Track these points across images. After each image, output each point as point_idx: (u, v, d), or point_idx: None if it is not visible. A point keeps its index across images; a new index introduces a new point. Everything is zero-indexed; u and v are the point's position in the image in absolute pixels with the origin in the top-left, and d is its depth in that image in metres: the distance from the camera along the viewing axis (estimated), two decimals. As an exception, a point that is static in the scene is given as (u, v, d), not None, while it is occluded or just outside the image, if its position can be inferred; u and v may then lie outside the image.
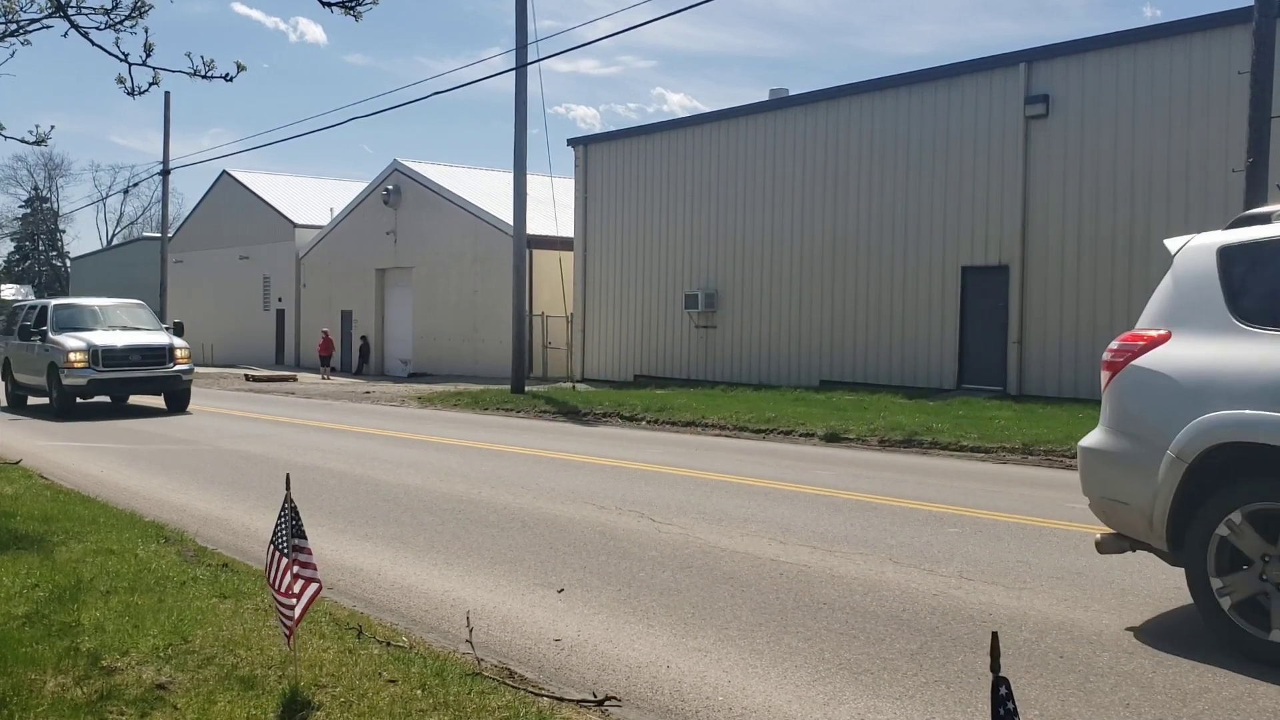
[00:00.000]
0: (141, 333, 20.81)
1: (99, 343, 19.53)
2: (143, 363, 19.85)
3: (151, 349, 20.09)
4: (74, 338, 19.70)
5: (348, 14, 6.14)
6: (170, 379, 20.15)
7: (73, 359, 19.18)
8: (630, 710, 4.45)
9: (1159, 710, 4.31)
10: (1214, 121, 17.14)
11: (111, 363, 19.47)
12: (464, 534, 8.14)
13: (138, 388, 20.13)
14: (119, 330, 20.59)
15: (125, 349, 19.75)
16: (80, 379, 19.28)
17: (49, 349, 19.81)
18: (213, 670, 4.65)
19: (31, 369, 20.87)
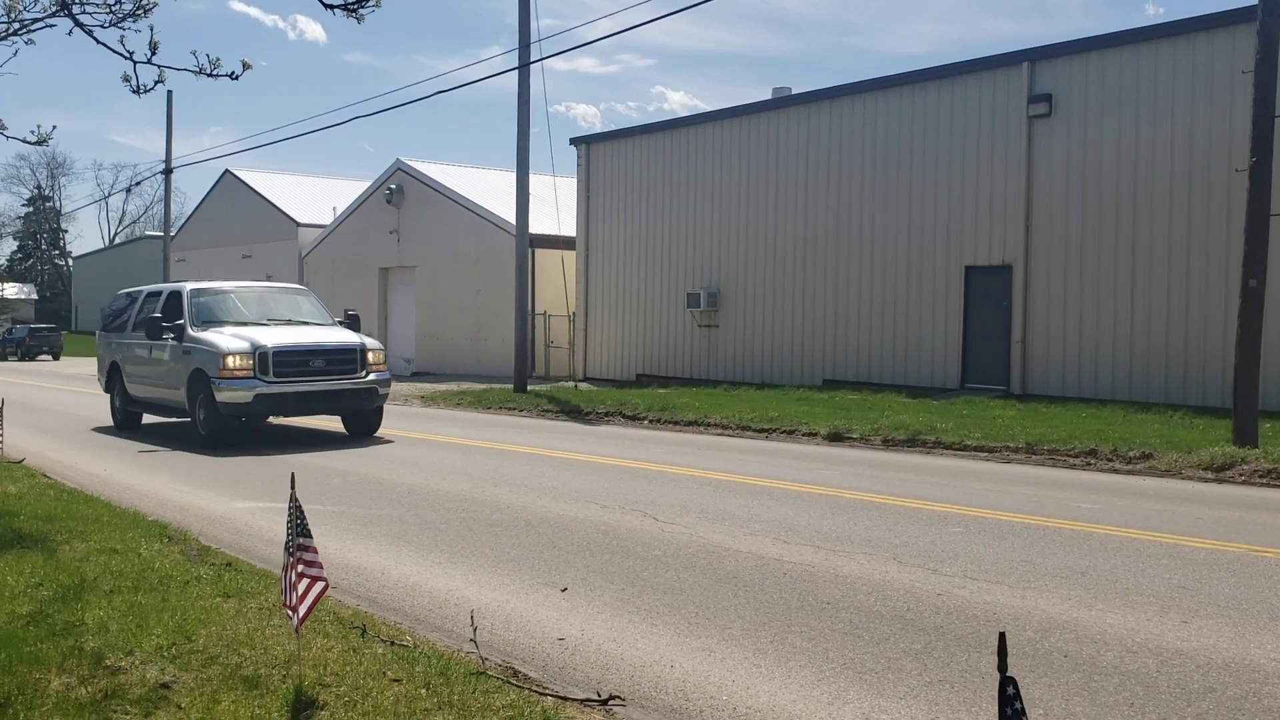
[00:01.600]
0: (316, 328, 15.28)
1: (267, 342, 13.98)
2: (327, 370, 14.25)
3: (338, 351, 14.47)
4: (229, 335, 14.28)
5: (350, 16, 6.13)
6: (363, 393, 14.49)
7: (231, 365, 13.73)
8: (634, 709, 4.45)
9: (1163, 710, 4.30)
10: (1217, 120, 17.10)
11: (287, 370, 13.98)
12: (467, 533, 8.14)
13: (320, 404, 14.43)
14: (284, 325, 15.13)
15: (305, 350, 14.21)
16: (243, 393, 13.76)
17: (191, 350, 14.44)
18: (217, 670, 4.65)
19: (158, 378, 15.57)
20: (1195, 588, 6.22)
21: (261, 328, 14.67)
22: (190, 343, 14.53)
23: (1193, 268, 17.44)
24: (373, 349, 14.78)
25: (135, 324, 16.41)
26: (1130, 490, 10.24)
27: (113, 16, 6.18)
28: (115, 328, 17.56)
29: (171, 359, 14.96)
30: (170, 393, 15.16)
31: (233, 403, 13.86)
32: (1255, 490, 10.32)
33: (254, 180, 47.86)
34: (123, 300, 17.95)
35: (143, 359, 16.06)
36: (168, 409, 15.82)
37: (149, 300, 16.54)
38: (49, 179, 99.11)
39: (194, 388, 14.34)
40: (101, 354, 17.97)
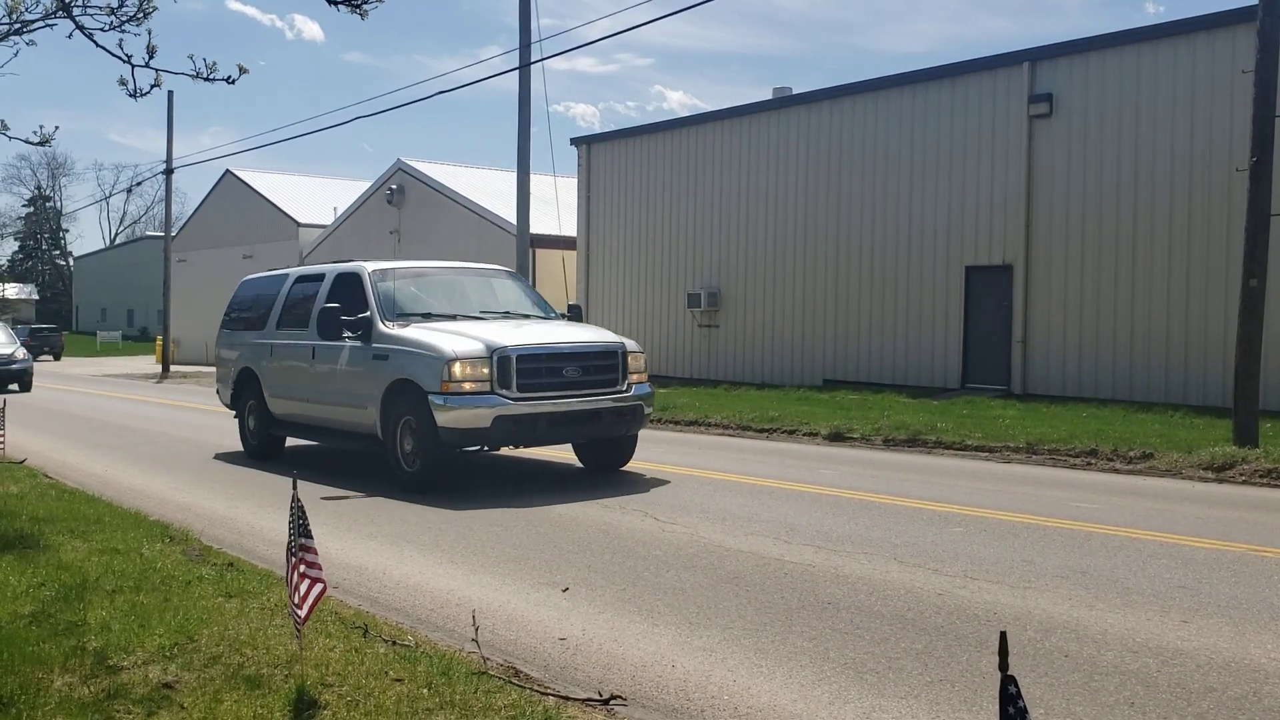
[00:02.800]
0: (550, 324, 11.36)
1: (506, 342, 10.00)
2: (582, 382, 10.28)
3: (597, 355, 10.56)
4: (447, 332, 10.30)
5: (353, 12, 6.14)
6: (626, 413, 10.58)
7: (460, 374, 9.71)
8: (635, 709, 4.46)
9: (1163, 709, 4.31)
10: (1218, 120, 17.11)
11: (535, 382, 10.01)
12: (468, 533, 8.15)
13: (576, 428, 10.42)
14: (500, 319, 11.18)
15: (557, 354, 10.29)
16: (477, 414, 9.71)
17: (389, 354, 10.39)
18: (219, 669, 4.66)
19: (329, 392, 11.43)
20: (1196, 587, 6.22)
21: (480, 323, 10.78)
22: (386, 343, 10.42)
23: (1193, 267, 17.44)
24: (634, 352, 10.82)
25: (285, 318, 12.48)
26: (1131, 490, 10.25)
27: (113, 19, 6.19)
28: (248, 324, 13.38)
29: (352, 366, 10.85)
30: (348, 413, 11.05)
31: (461, 428, 9.69)
32: (1256, 490, 10.32)
33: (254, 180, 47.87)
34: (256, 287, 13.76)
35: (299, 367, 11.89)
36: (334, 434, 11.66)
37: (302, 287, 12.46)
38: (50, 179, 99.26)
39: (393, 406, 10.21)
40: (225, 359, 13.90)
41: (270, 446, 13.01)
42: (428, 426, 9.88)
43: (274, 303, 12.85)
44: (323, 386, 11.59)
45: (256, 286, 13.82)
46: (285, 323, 12.50)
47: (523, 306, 11.90)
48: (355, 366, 10.92)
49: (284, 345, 12.37)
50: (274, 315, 12.78)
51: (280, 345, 12.46)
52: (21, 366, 27.99)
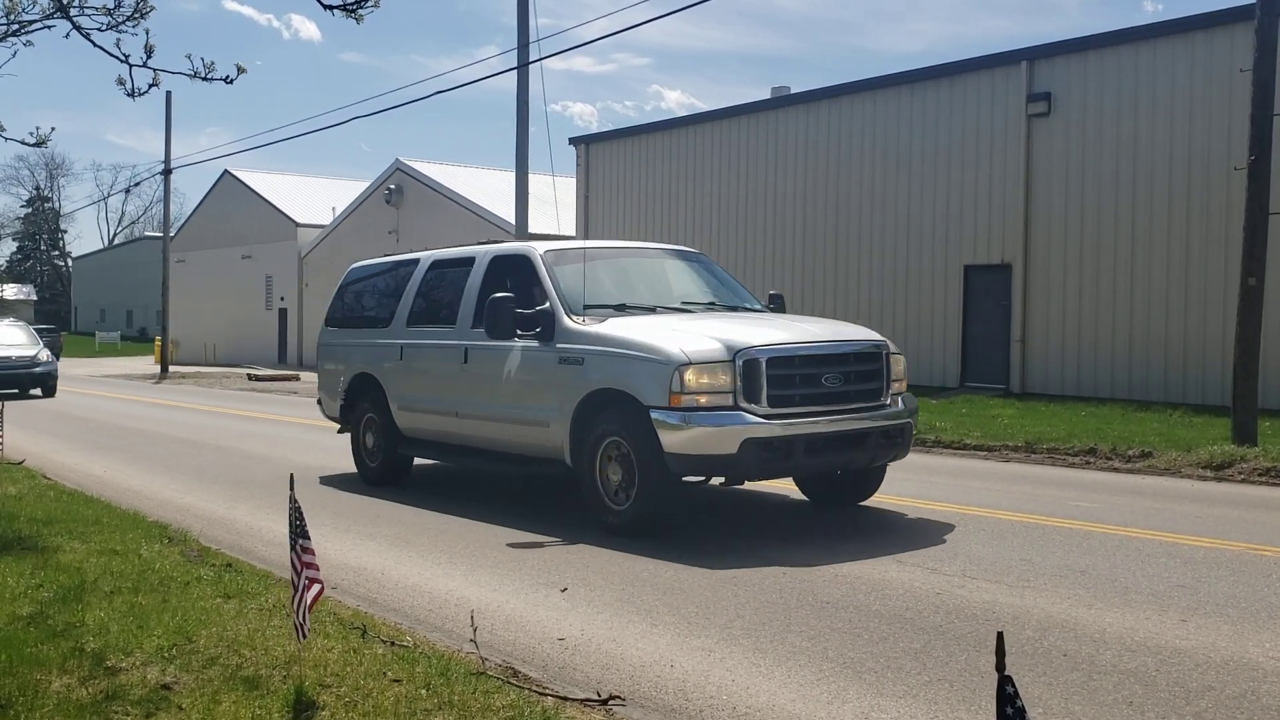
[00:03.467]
0: (784, 319, 9.09)
1: (753, 342, 7.68)
2: (844, 394, 7.93)
3: (855, 356, 8.18)
4: (662, 330, 7.97)
5: (349, 16, 6.14)
6: (894, 435, 8.14)
7: (694, 383, 7.44)
8: (634, 709, 4.46)
9: (1162, 708, 4.31)
10: (1216, 119, 17.12)
11: (790, 394, 7.68)
12: (467, 533, 8.15)
13: (844, 456, 7.99)
14: (707, 311, 9.03)
15: (816, 356, 7.93)
16: (723, 435, 7.40)
17: (584, 358, 8.15)
18: (217, 670, 4.66)
19: (488, 404, 9.16)
20: (1194, 586, 6.23)
21: (689, 316, 8.58)
22: (578, 343, 8.15)
23: (1191, 266, 17.45)
24: (895, 354, 8.39)
25: (420, 313, 10.23)
26: (1129, 489, 10.25)
27: (111, 19, 6.19)
28: (364, 320, 11.14)
29: (527, 372, 8.61)
30: (517, 431, 8.82)
31: (696, 454, 7.38)
32: (1254, 489, 10.33)
33: (253, 181, 47.88)
34: (373, 276, 11.39)
35: (443, 372, 9.65)
36: (489, 456, 9.40)
37: (441, 274, 10.22)
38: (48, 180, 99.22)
39: (591, 424, 7.95)
40: (332, 363, 11.44)
41: (394, 469, 10.50)
42: (647, 452, 7.47)
43: (401, 294, 10.56)
44: (479, 397, 9.18)
45: (373, 275, 11.48)
46: (420, 318, 10.23)
47: (726, 295, 9.48)
48: (530, 373, 8.56)
49: (420, 346, 10.03)
50: (403, 309, 10.46)
51: (414, 346, 10.10)
52: (45, 369, 25.72)
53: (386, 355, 10.50)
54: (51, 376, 25.87)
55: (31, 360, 25.48)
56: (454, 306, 9.78)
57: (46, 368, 25.70)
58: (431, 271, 10.43)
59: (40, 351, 25.96)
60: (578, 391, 8.09)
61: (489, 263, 9.60)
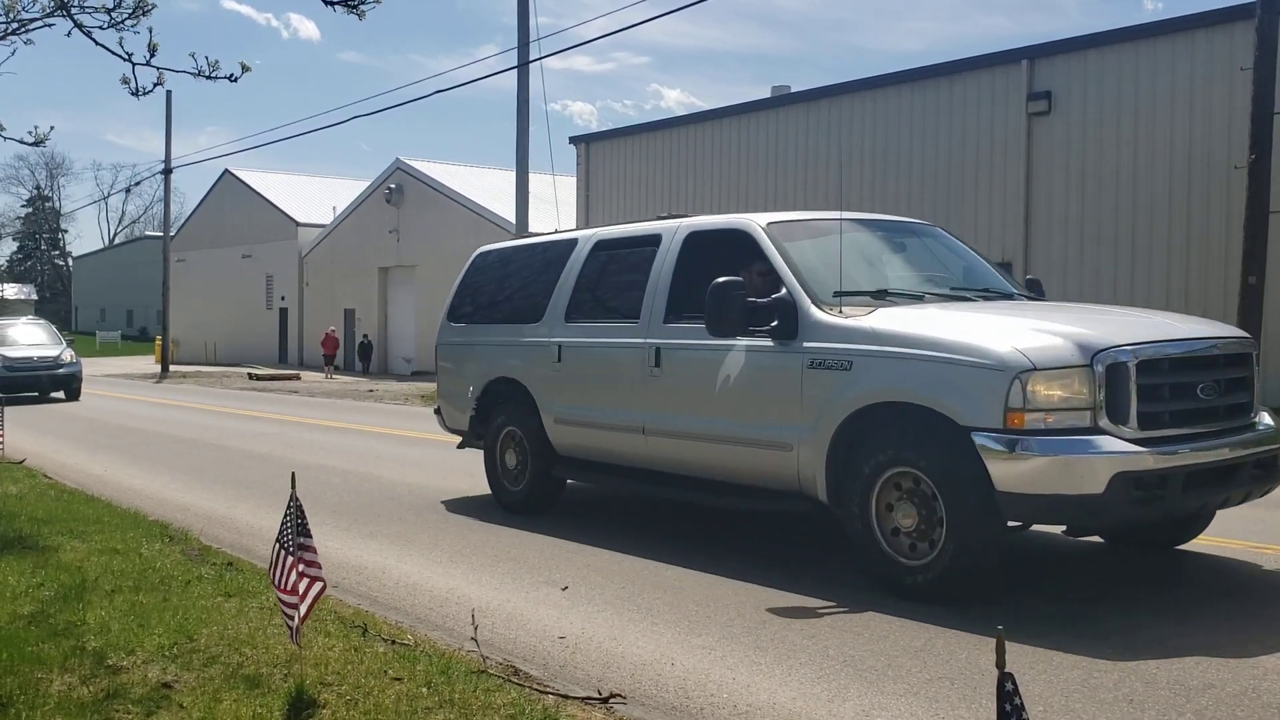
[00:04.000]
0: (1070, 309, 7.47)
1: (1114, 340, 5.65)
2: (1217, 410, 5.96)
3: (1226, 360, 6.12)
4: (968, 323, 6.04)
5: (350, 12, 6.14)
6: (1269, 462, 6.19)
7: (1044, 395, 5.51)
8: (635, 707, 4.46)
9: (1162, 705, 4.31)
10: (1216, 117, 17.12)
11: (1162, 409, 5.71)
12: (468, 532, 8.15)
13: (1221, 492, 5.90)
14: (993, 301, 7.06)
15: (1186, 358, 5.91)
16: (1084, 469, 5.38)
17: (856, 360, 6.12)
18: (218, 669, 4.66)
19: (692, 418, 7.20)
20: (1193, 584, 6.23)
21: (976, 307, 6.74)
22: (836, 341, 6.31)
23: (1192, 264, 17.44)
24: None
25: (584, 304, 8.41)
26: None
27: (112, 18, 6.19)
28: (501, 314, 9.35)
29: (759, 379, 6.72)
30: (742, 456, 6.87)
31: (1045, 493, 5.51)
32: (1255, 487, 10.31)
33: (253, 180, 47.91)
34: (512, 261, 9.63)
35: (622, 378, 7.78)
36: (685, 484, 7.49)
37: (614, 257, 8.36)
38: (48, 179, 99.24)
39: (863, 450, 6.11)
40: (457, 365, 9.69)
41: (544, 495, 8.73)
42: (964, 489, 5.66)
43: (556, 282, 8.67)
44: (678, 410, 7.28)
45: (512, 260, 9.63)
46: (584, 311, 8.35)
47: (993, 279, 7.57)
48: (762, 380, 6.66)
49: (587, 346, 8.14)
50: (559, 300, 8.57)
51: (579, 346, 8.21)
52: (69, 371, 24.22)
53: (537, 356, 8.59)
54: (75, 378, 24.46)
55: (54, 361, 24.17)
56: (634, 296, 7.83)
57: (70, 369, 24.32)
58: (598, 254, 8.49)
59: (64, 351, 24.66)
60: (841, 406, 6.13)
61: (683, 241, 7.69)
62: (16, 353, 23.90)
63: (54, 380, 24.07)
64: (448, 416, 9.86)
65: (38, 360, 23.89)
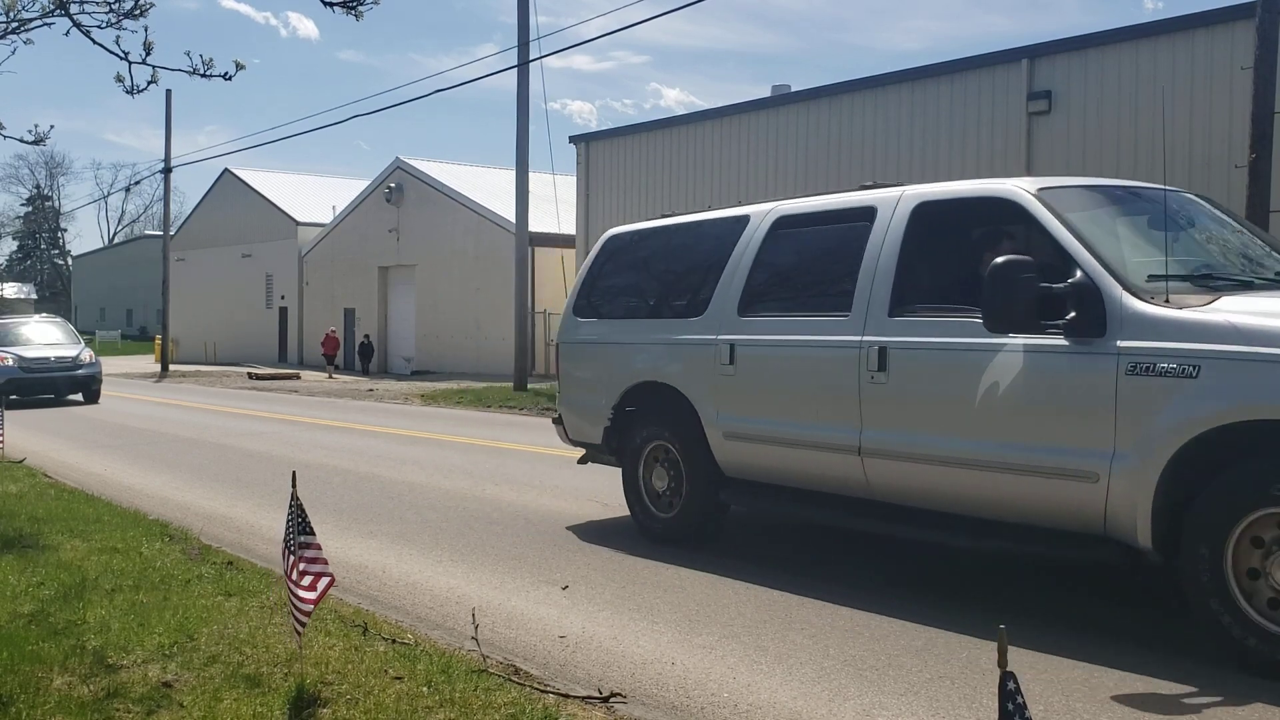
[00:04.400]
0: None
1: None
2: None
3: None
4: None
5: (349, 13, 6.14)
6: None
7: None
8: (635, 707, 4.46)
9: (1163, 705, 4.31)
10: (1217, 117, 17.11)
11: None
12: (468, 531, 8.15)
13: None
14: None
15: None
16: None
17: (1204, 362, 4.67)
18: (218, 668, 4.66)
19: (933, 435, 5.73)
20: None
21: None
22: (1172, 339, 4.90)
23: (1192, 264, 17.45)
24: None
25: (769, 293, 6.98)
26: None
27: (111, 16, 6.19)
28: (649, 307, 7.92)
29: (1052, 387, 5.30)
30: (1013, 486, 5.44)
31: None
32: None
33: (253, 179, 47.91)
34: (652, 241, 8.31)
35: (833, 384, 6.30)
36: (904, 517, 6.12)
37: (825, 234, 6.85)
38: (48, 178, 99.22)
39: (1208, 483, 4.74)
40: (587, 367, 8.26)
41: (704, 524, 7.33)
42: None
43: (724, 267, 7.20)
44: (916, 426, 5.86)
45: (657, 243, 8.24)
46: (765, 302, 6.90)
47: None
48: (1053, 388, 5.28)
49: (773, 345, 6.66)
50: (729, 289, 7.09)
51: (760, 345, 6.75)
52: (88, 372, 22.89)
53: (699, 358, 7.14)
54: (95, 380, 23.14)
55: (73, 362, 22.90)
56: (840, 284, 6.40)
57: (90, 369, 23.02)
58: (782, 232, 7.00)
59: (83, 352, 23.35)
60: (1184, 425, 4.75)
61: (911, 214, 6.16)
62: (32, 353, 22.72)
63: (72, 382, 22.88)
64: (571, 427, 8.41)
65: (55, 361, 22.71)
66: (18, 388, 21.89)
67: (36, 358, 22.61)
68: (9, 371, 22.02)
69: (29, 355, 22.62)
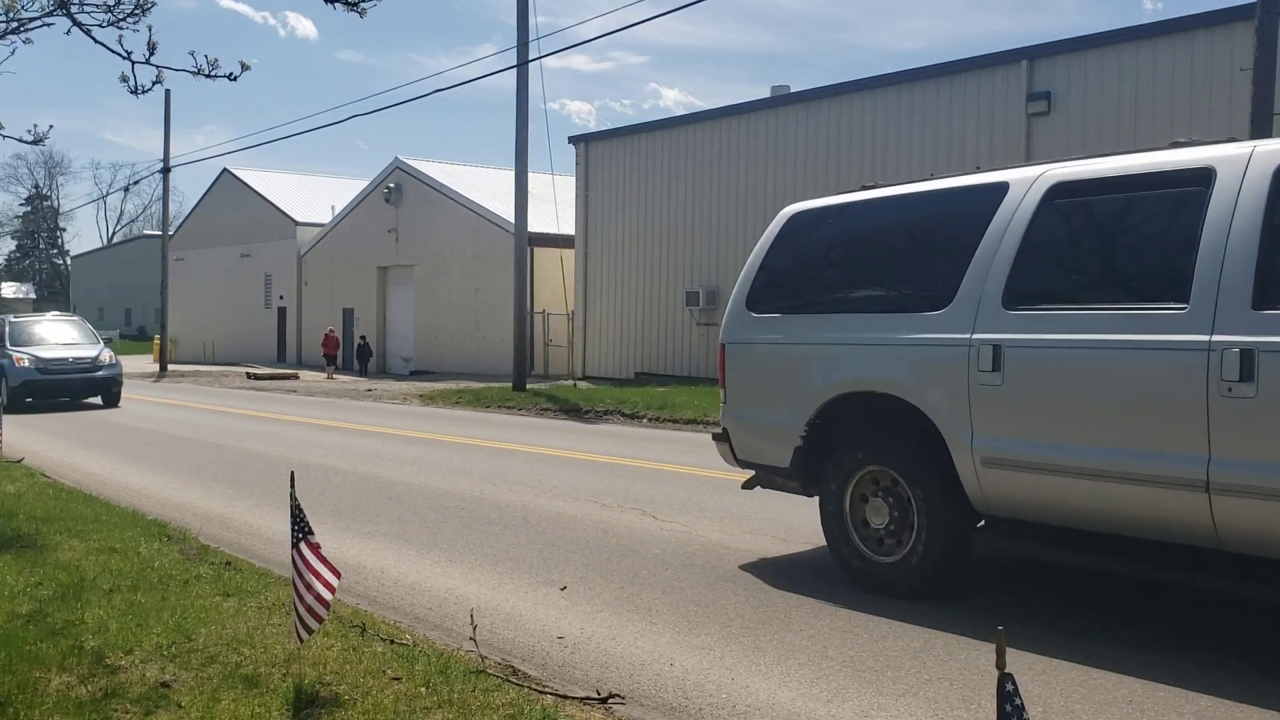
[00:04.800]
0: None
1: None
2: None
3: None
4: None
5: (351, 10, 6.14)
6: None
7: None
8: (634, 708, 4.46)
9: (1162, 706, 4.31)
10: (1216, 118, 17.11)
11: None
12: (467, 531, 8.14)
13: None
14: None
15: None
16: None
17: None
18: (216, 669, 4.65)
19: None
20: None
21: None
22: None
23: (1191, 265, 17.46)
24: None
25: (1054, 281, 5.65)
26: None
27: (111, 16, 6.19)
28: (859, 300, 6.59)
29: None
30: None
31: None
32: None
33: (252, 179, 47.88)
34: (853, 218, 6.79)
35: (1160, 400, 4.92)
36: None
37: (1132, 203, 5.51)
38: (47, 178, 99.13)
39: None
40: (766, 371, 6.88)
41: (945, 570, 5.91)
42: None
43: (974, 250, 5.83)
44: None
45: (858, 220, 6.80)
46: (1044, 292, 5.59)
47: None
48: None
49: (1066, 347, 5.29)
50: (986, 275, 5.74)
51: (1049, 348, 5.37)
52: (109, 374, 21.60)
53: (943, 361, 5.78)
54: (115, 382, 21.83)
55: (92, 363, 21.61)
56: (1169, 268, 5.13)
57: (110, 372, 21.70)
58: (1061, 203, 5.71)
59: (102, 352, 22.01)
60: None
61: (1275, 176, 4.83)
62: (50, 353, 21.40)
63: (92, 384, 21.64)
64: (742, 445, 6.98)
65: (74, 362, 21.40)
66: (34, 390, 20.95)
67: (54, 359, 21.34)
68: (26, 373, 20.98)
69: (46, 356, 21.34)
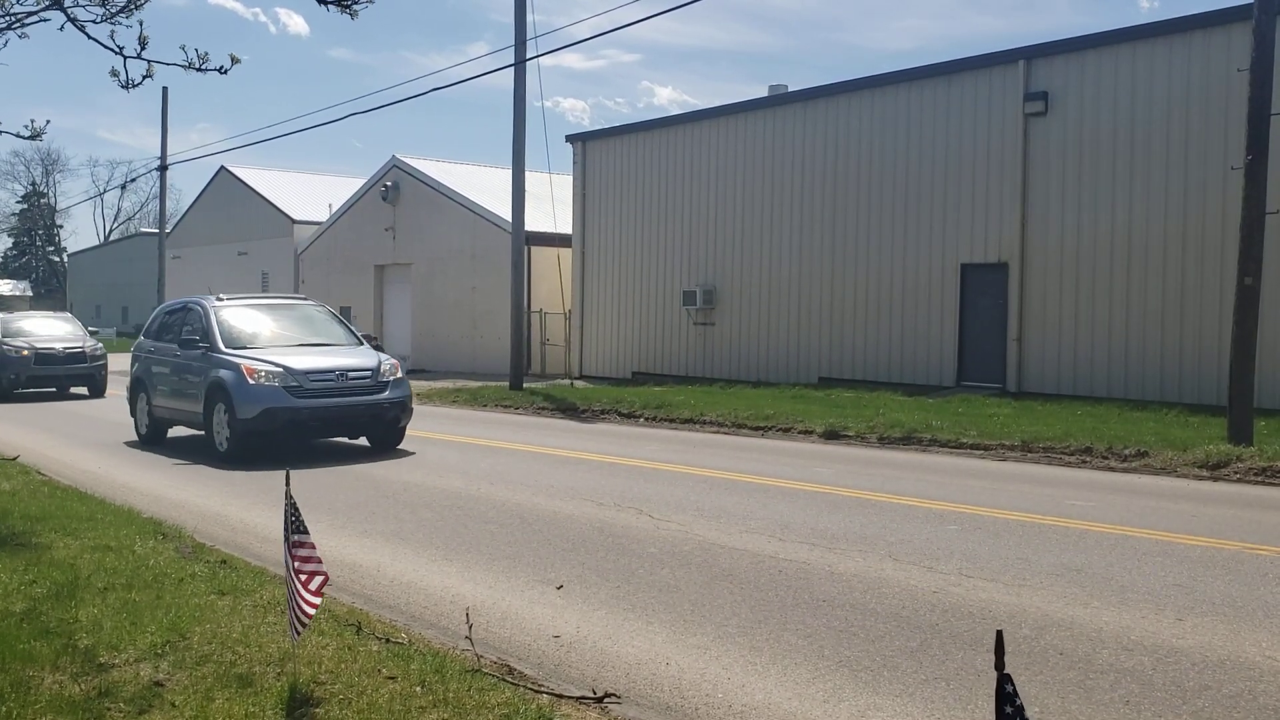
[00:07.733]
0: None
1: None
2: None
3: None
4: None
5: (343, 12, 6.12)
6: None
7: None
8: (630, 707, 4.44)
9: (1159, 707, 4.30)
10: (1213, 118, 17.11)
11: None
12: (463, 530, 8.12)
13: None
14: None
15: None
16: None
17: None
18: (210, 668, 4.63)
19: None
20: (1189, 585, 6.22)
21: None
22: None
23: (1188, 266, 17.44)
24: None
25: None
26: (1124, 488, 10.25)
27: (105, 11, 6.16)
28: None
29: None
30: None
31: None
32: (1250, 488, 10.32)
33: (249, 177, 47.81)
34: None
35: None
36: None
37: None
38: (43, 175, 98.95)
39: None
40: None
41: None
42: None
43: None
44: None
45: None
46: None
47: None
48: None
49: None
50: None
51: None
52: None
53: None
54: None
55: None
56: None
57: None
58: None
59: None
60: None
61: None
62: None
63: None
64: None
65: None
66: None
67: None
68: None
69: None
